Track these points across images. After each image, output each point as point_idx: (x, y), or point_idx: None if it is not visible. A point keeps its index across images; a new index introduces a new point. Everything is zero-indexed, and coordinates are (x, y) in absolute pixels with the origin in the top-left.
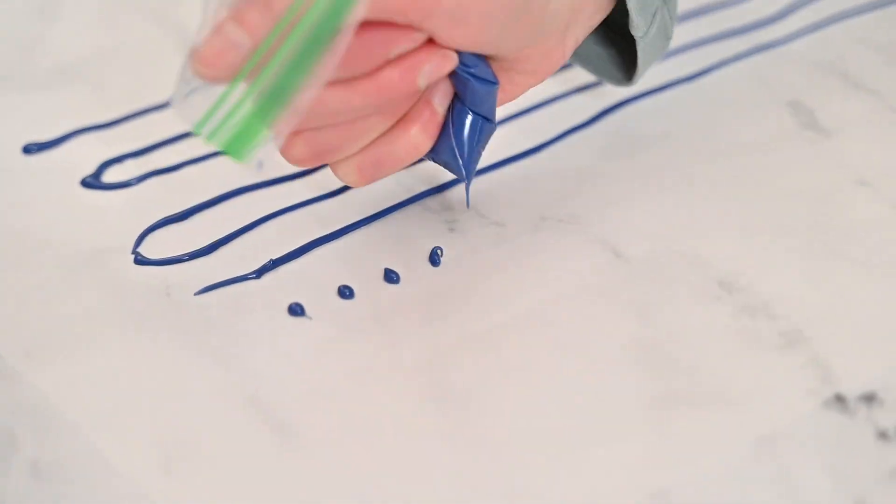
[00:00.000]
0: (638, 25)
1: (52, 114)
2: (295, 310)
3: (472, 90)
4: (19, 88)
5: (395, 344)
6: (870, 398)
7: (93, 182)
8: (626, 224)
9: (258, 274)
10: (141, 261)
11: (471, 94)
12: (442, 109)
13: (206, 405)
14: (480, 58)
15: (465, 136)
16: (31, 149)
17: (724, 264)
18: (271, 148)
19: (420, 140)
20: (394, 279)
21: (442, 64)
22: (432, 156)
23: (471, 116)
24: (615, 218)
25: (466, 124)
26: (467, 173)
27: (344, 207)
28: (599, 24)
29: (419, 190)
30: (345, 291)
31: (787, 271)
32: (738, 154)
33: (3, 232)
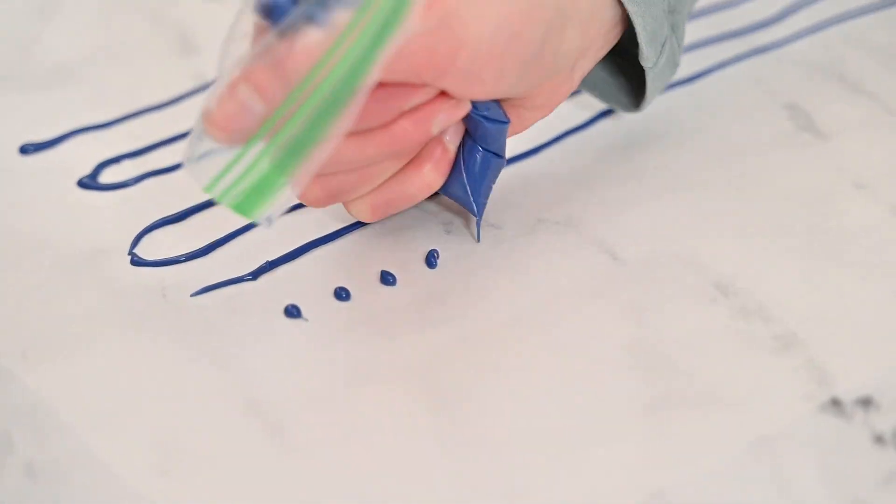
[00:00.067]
0: (648, 57)
1: (49, 114)
2: (291, 312)
3: (483, 130)
4: (17, 88)
5: (392, 346)
6: (866, 402)
7: (89, 182)
8: (623, 226)
9: (255, 275)
10: (137, 262)
11: (482, 134)
12: (453, 147)
13: (203, 406)
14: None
15: (476, 173)
16: (28, 149)
17: (720, 267)
18: (285, 201)
19: (432, 178)
20: (390, 281)
21: (455, 112)
22: (443, 191)
23: (482, 153)
24: (612, 220)
25: (477, 161)
26: (478, 208)
27: (340, 209)
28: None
29: None
30: (341, 293)
31: (784, 274)
32: (734, 156)
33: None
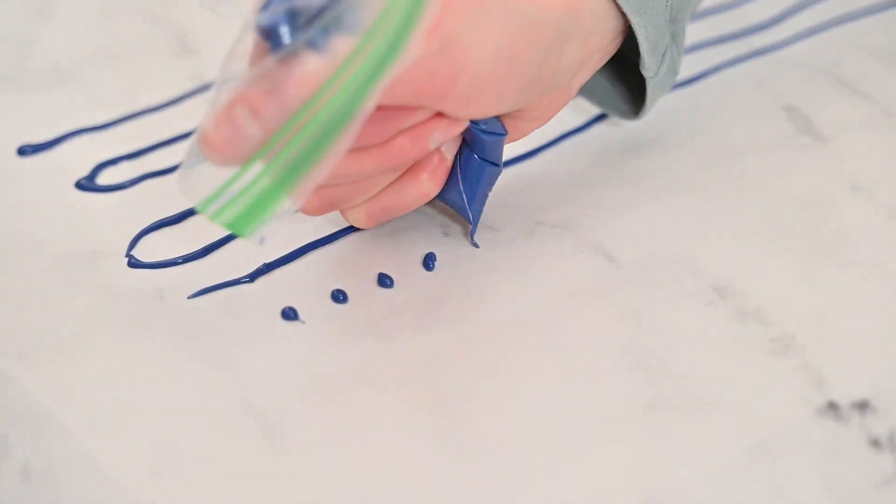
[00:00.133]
0: (649, 66)
1: (47, 115)
2: (288, 314)
3: (480, 141)
4: (15, 89)
5: (389, 348)
6: (863, 406)
7: (87, 184)
8: (621, 228)
9: (252, 278)
10: (134, 264)
11: (479, 145)
12: (450, 157)
13: (199, 409)
14: None
15: (472, 181)
16: (27, 150)
17: (717, 269)
18: (277, 221)
19: (429, 187)
20: (388, 284)
21: (452, 129)
22: (439, 197)
23: (478, 162)
24: (610, 222)
25: (474, 170)
26: (474, 216)
27: (337, 213)
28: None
29: None
30: (338, 296)
31: (782, 277)
32: (733, 158)
33: None
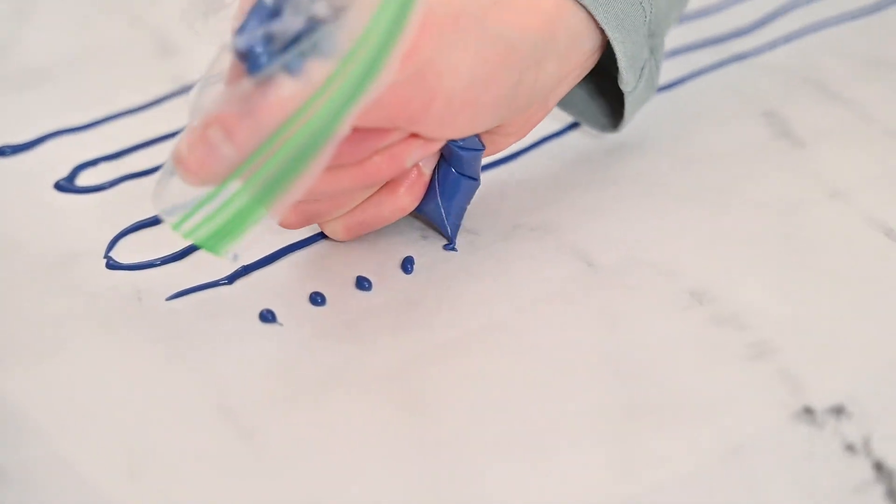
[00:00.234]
0: (628, 81)
1: (26, 116)
2: (266, 316)
3: (457, 157)
4: None
5: (367, 351)
6: (838, 411)
7: (66, 185)
8: (599, 233)
9: (230, 280)
10: (112, 265)
11: (457, 160)
12: (428, 171)
13: (176, 411)
14: None
15: (450, 195)
16: (6, 151)
17: (695, 274)
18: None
19: (406, 202)
20: (366, 287)
21: (428, 148)
22: (417, 210)
23: (456, 176)
24: (588, 227)
25: (452, 184)
26: (452, 229)
27: None
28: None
29: None
30: (316, 298)
31: (758, 282)
32: (711, 164)
33: None
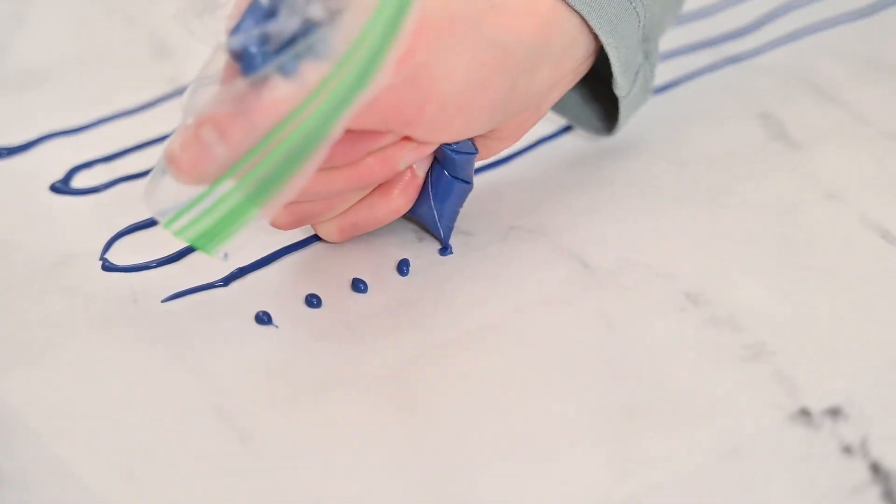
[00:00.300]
0: (622, 86)
1: (22, 117)
2: (262, 318)
3: (450, 160)
4: None
5: (364, 352)
6: (835, 412)
7: (62, 187)
8: (594, 234)
9: (226, 282)
10: (108, 267)
11: (450, 163)
12: (422, 173)
13: (172, 413)
14: None
15: (443, 198)
16: (1, 153)
17: (690, 276)
18: (242, 238)
19: (400, 203)
20: (361, 289)
21: (421, 150)
22: (410, 212)
23: (449, 179)
24: (583, 228)
25: (445, 187)
26: (444, 233)
27: None
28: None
29: None
30: (312, 300)
31: (754, 284)
32: (707, 165)
33: None
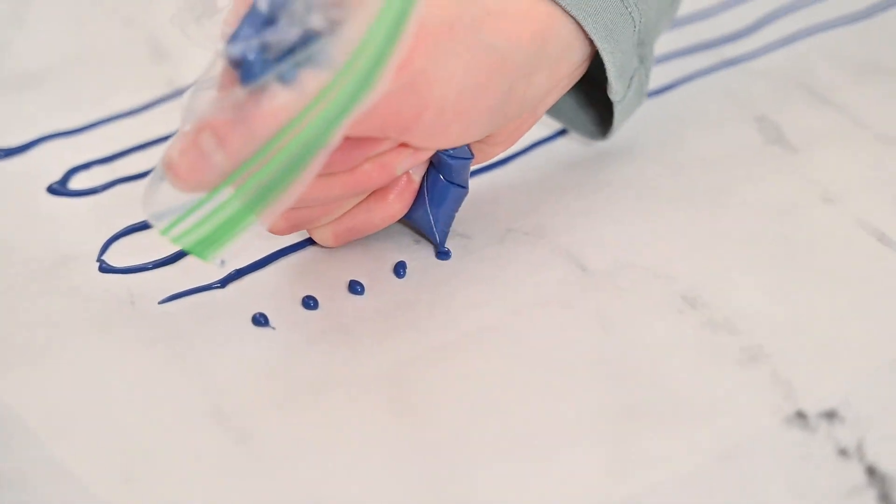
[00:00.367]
0: (617, 91)
1: (20, 119)
2: (259, 320)
3: (447, 165)
4: None
5: (359, 355)
6: (831, 415)
7: (59, 188)
8: (592, 237)
9: (223, 283)
10: (105, 269)
11: (446, 168)
12: (418, 178)
13: (169, 414)
14: None
15: (439, 203)
16: None
17: (687, 278)
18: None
19: (396, 209)
20: (358, 291)
21: (418, 156)
22: (406, 217)
23: (445, 184)
24: (580, 231)
25: (441, 192)
26: (440, 237)
27: None
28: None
29: None
30: (309, 302)
31: (751, 287)
32: (704, 168)
33: None
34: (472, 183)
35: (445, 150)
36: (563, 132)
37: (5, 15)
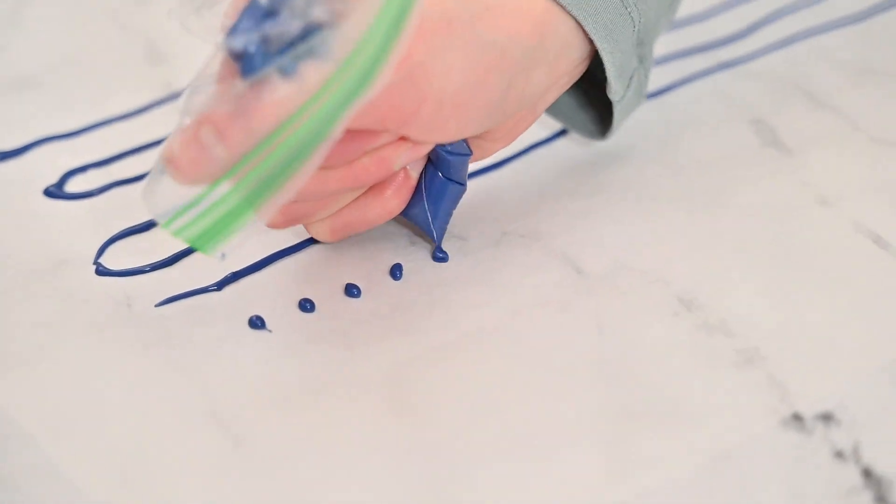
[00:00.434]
0: (616, 91)
1: (16, 122)
2: (255, 322)
3: (445, 161)
4: None
5: (356, 357)
6: (827, 418)
7: (56, 191)
8: (588, 239)
9: (219, 286)
10: (102, 272)
11: (444, 165)
12: (415, 174)
13: (166, 417)
14: None
15: (436, 199)
16: None
17: (683, 281)
18: (239, 238)
19: (393, 204)
20: (355, 293)
21: (417, 151)
22: (403, 214)
23: (443, 181)
24: (576, 233)
25: (439, 188)
26: (438, 234)
27: None
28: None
29: None
30: (305, 305)
31: (747, 289)
32: (699, 170)
33: None
34: (470, 185)
35: (443, 146)
36: (560, 134)
37: (2, 17)
